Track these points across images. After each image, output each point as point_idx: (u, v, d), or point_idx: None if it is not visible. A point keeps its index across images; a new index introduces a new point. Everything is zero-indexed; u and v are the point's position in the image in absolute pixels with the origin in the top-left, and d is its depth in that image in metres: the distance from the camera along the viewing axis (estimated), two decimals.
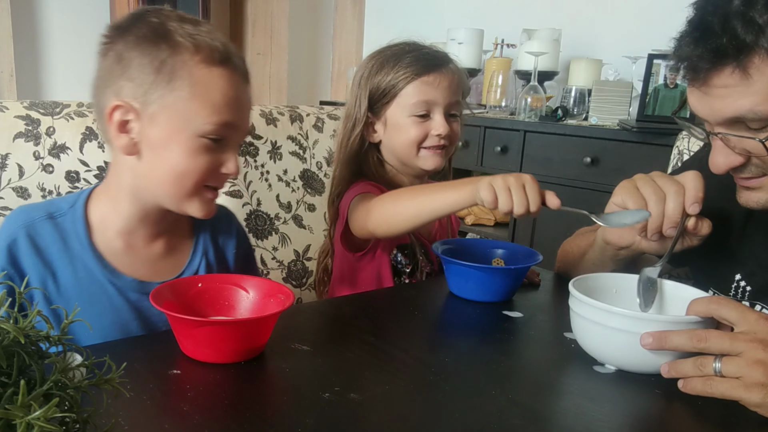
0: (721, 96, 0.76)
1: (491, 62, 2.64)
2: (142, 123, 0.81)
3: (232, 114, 0.82)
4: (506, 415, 0.65)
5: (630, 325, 0.73)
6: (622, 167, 2.07)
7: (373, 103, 1.17)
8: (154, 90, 0.79)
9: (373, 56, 1.19)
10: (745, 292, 0.93)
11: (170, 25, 0.80)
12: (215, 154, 0.83)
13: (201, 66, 0.80)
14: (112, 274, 0.87)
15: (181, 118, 0.80)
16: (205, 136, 0.81)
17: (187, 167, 0.82)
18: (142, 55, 0.80)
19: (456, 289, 1.02)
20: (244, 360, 0.73)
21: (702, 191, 0.87)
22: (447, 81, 1.15)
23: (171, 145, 0.81)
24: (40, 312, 0.41)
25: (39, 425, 0.34)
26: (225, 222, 1.00)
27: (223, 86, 0.81)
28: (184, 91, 0.79)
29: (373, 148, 1.20)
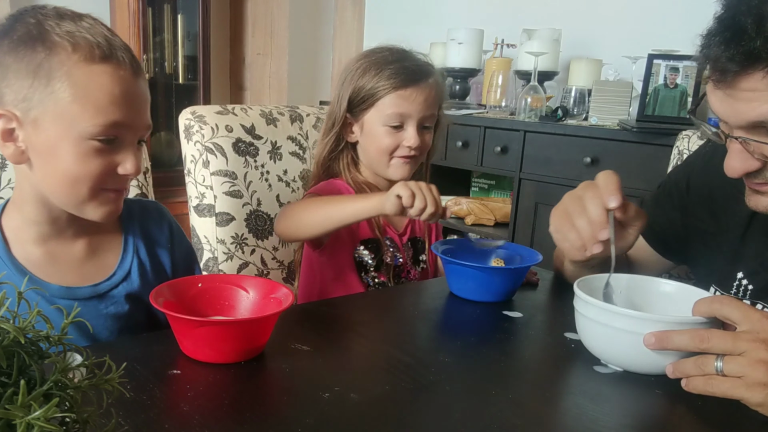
0: (747, 99, 0.73)
1: (491, 62, 2.64)
2: (26, 130, 0.77)
3: (120, 112, 0.77)
4: (506, 415, 0.65)
5: (635, 326, 0.73)
6: (622, 167, 2.07)
7: (352, 106, 1.22)
8: (33, 95, 0.76)
9: (360, 58, 1.24)
10: (747, 291, 0.93)
11: (47, 25, 0.76)
12: (109, 156, 0.79)
13: (80, 65, 0.75)
14: (35, 283, 0.83)
15: (64, 121, 0.76)
16: (93, 138, 0.77)
17: (78, 172, 0.78)
18: (17, 59, 0.76)
19: (456, 289, 1.02)
20: (244, 360, 0.73)
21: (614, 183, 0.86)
22: (423, 96, 1.20)
23: (58, 150, 0.77)
24: (40, 312, 0.41)
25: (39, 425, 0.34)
26: (155, 216, 0.97)
27: (106, 84, 0.76)
28: (65, 93, 0.75)
29: (348, 147, 1.27)
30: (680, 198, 1.05)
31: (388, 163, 1.22)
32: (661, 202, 1.08)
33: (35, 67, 0.75)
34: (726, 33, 0.72)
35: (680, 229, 1.05)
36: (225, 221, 1.32)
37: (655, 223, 1.08)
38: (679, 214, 1.05)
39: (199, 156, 1.30)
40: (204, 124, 1.31)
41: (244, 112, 1.39)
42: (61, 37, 0.76)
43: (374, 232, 1.25)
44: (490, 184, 2.76)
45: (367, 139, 1.23)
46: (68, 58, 0.75)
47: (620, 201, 0.86)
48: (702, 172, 1.02)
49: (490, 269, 1.01)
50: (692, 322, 0.72)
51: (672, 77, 2.06)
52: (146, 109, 0.83)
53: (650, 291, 0.86)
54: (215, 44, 3.53)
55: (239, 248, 1.33)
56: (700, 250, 1.02)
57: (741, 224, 0.94)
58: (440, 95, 1.25)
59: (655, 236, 1.08)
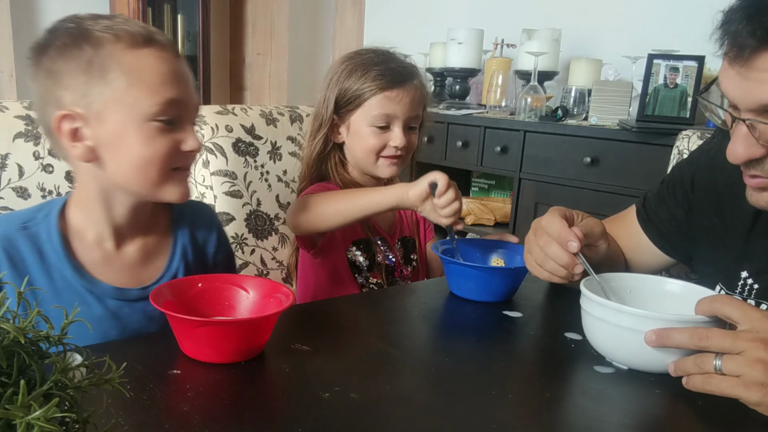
0: (761, 80, 0.72)
1: (491, 62, 2.64)
2: (92, 126, 0.81)
3: (174, 89, 0.82)
4: (506, 415, 0.65)
5: (640, 324, 0.73)
6: (622, 167, 2.07)
7: (339, 107, 1.24)
8: (91, 90, 0.79)
9: (345, 60, 1.25)
10: (752, 290, 0.92)
11: (86, 25, 0.81)
12: (171, 135, 0.83)
13: (127, 52, 0.79)
14: (90, 282, 0.86)
15: (125, 108, 0.79)
16: (154, 119, 0.80)
17: (147, 155, 0.81)
18: (68, 61, 0.80)
19: (456, 289, 1.02)
20: (244, 360, 0.73)
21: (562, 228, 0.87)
22: (409, 97, 1.22)
23: (125, 138, 0.80)
24: (40, 312, 0.41)
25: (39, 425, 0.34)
26: (206, 221, 1.00)
27: (155, 65, 0.81)
28: (120, 80, 0.79)
29: (336, 148, 1.28)
30: (684, 195, 1.05)
31: (375, 163, 1.24)
32: (665, 199, 1.08)
33: (86, 64, 0.79)
34: (750, 8, 0.72)
35: (684, 227, 1.05)
36: (225, 221, 1.32)
37: (659, 221, 1.08)
38: (683, 212, 1.05)
39: (199, 156, 1.30)
40: (204, 124, 1.31)
41: (244, 112, 1.39)
42: (102, 32, 0.80)
43: (365, 232, 1.27)
44: (490, 184, 2.76)
45: (353, 140, 1.25)
46: (114, 48, 0.79)
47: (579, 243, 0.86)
48: (707, 169, 1.02)
49: (490, 269, 1.01)
50: (695, 320, 0.72)
51: (672, 77, 2.06)
52: (193, 88, 0.86)
53: (656, 290, 0.86)
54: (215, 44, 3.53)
55: (239, 248, 1.33)
56: (705, 248, 1.01)
57: (746, 222, 0.93)
58: (425, 96, 1.27)
59: (658, 233, 1.08)
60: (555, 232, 0.88)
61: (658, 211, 1.08)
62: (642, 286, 0.86)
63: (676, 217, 1.06)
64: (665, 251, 1.08)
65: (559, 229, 0.88)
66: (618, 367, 0.77)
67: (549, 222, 0.89)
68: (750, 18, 0.71)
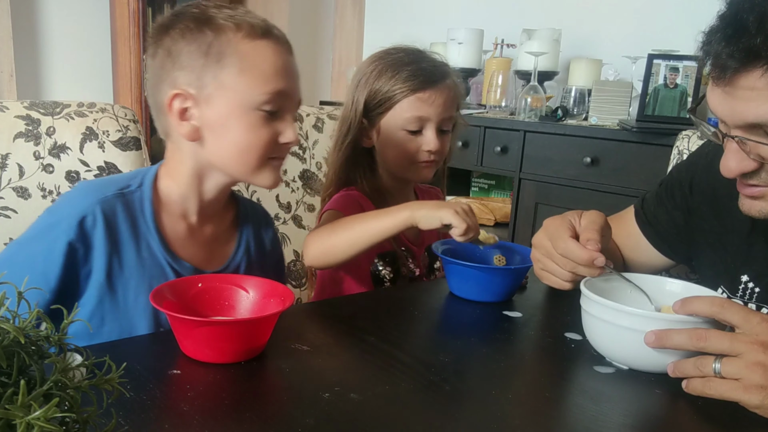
0: (746, 99, 0.72)
1: (491, 62, 2.64)
2: (201, 107, 0.85)
3: (283, 82, 0.85)
4: (506, 415, 0.65)
5: (640, 324, 0.73)
6: (622, 167, 2.07)
7: (368, 110, 1.18)
8: (206, 73, 0.83)
9: (374, 60, 1.19)
10: (753, 294, 0.92)
11: (210, 12, 0.85)
12: (272, 125, 0.86)
13: (245, 41, 0.83)
14: (173, 258, 0.90)
15: (235, 94, 0.83)
16: (260, 108, 0.84)
17: (249, 142, 0.85)
18: (189, 43, 0.84)
19: (456, 289, 1.02)
20: (244, 360, 0.73)
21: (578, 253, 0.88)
22: (442, 98, 1.16)
23: (230, 122, 0.84)
24: (40, 312, 0.41)
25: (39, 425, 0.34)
26: (264, 220, 1.05)
27: (270, 56, 0.85)
28: (234, 67, 0.83)
29: (365, 152, 1.22)
30: (683, 198, 1.05)
31: (408, 167, 1.18)
32: (664, 201, 1.08)
33: (206, 48, 0.83)
34: (727, 30, 0.72)
35: (683, 229, 1.05)
36: None
37: (658, 222, 1.08)
38: (681, 214, 1.05)
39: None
40: None
41: None
42: (225, 20, 0.84)
43: (391, 244, 1.20)
44: (490, 184, 2.76)
45: (384, 144, 1.19)
46: (234, 36, 0.83)
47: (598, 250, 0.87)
48: (705, 172, 1.02)
49: (490, 269, 1.01)
50: (696, 321, 0.72)
51: (672, 77, 2.06)
52: (299, 84, 0.90)
53: (656, 290, 0.86)
54: None
55: None
56: (705, 250, 1.01)
57: (745, 226, 0.93)
58: (458, 96, 1.21)
59: (657, 235, 1.08)
60: (577, 257, 0.88)
61: (656, 213, 1.08)
62: (642, 286, 0.86)
63: (674, 220, 1.06)
64: (664, 253, 1.08)
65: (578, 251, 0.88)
66: (618, 367, 0.77)
67: (565, 248, 0.89)
68: (728, 39, 0.71)
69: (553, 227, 0.93)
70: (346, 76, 3.44)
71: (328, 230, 1.06)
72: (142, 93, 3.02)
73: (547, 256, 0.93)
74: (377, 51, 1.22)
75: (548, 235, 0.93)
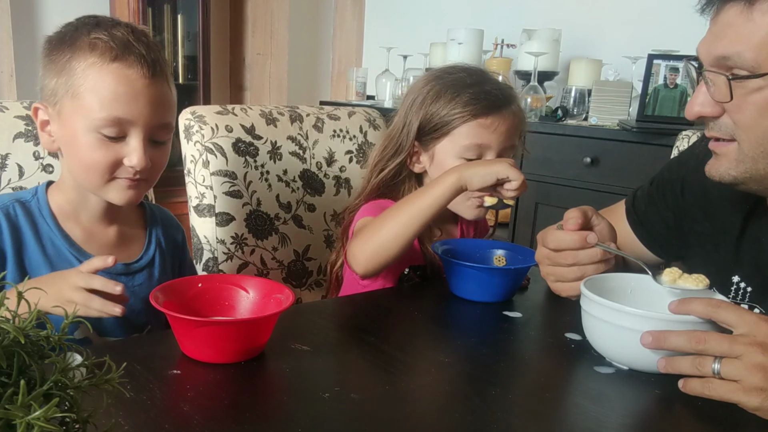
0: (721, 35, 0.74)
1: (491, 62, 2.64)
2: (55, 122, 0.90)
3: (122, 109, 0.86)
4: (506, 415, 0.65)
5: (640, 324, 0.73)
6: (622, 167, 2.07)
7: (422, 134, 1.10)
8: (59, 90, 0.87)
9: (430, 80, 1.11)
10: (745, 294, 0.92)
11: (81, 31, 0.88)
12: (115, 148, 0.87)
13: (94, 65, 0.85)
14: (78, 251, 0.93)
15: (79, 115, 0.86)
16: (97, 131, 0.86)
17: (89, 160, 0.88)
18: (51, 60, 0.88)
19: (456, 289, 1.01)
20: (244, 360, 0.73)
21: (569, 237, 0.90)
22: (506, 126, 1.08)
23: (76, 140, 0.88)
24: (40, 312, 0.41)
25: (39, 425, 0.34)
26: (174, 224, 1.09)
27: (111, 82, 0.85)
28: (80, 89, 0.86)
29: (412, 175, 1.15)
30: (674, 199, 1.04)
31: (463, 201, 1.08)
32: (655, 201, 1.07)
33: (60, 68, 0.87)
34: None
35: (674, 229, 1.05)
36: (225, 221, 1.32)
37: (648, 222, 1.08)
38: (673, 215, 1.05)
39: (199, 156, 1.30)
40: (204, 124, 1.31)
41: (244, 112, 1.39)
42: (85, 41, 0.86)
43: (425, 257, 1.11)
44: None
45: (437, 172, 1.06)
46: (85, 59, 0.85)
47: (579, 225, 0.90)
48: (696, 172, 1.01)
49: (490, 269, 1.01)
50: (695, 321, 0.72)
51: (672, 77, 2.06)
52: (158, 108, 0.89)
53: (656, 290, 0.85)
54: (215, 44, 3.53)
55: (239, 248, 1.33)
56: (697, 251, 1.01)
57: (736, 226, 0.93)
58: (522, 123, 1.13)
59: (647, 234, 1.08)
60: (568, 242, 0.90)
61: (647, 213, 1.08)
62: (642, 286, 0.86)
63: (665, 221, 1.06)
64: (654, 251, 1.08)
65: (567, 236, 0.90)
66: (618, 367, 0.77)
67: (554, 239, 0.91)
68: None
69: (542, 234, 0.95)
70: (346, 76, 3.44)
71: (372, 229, 0.99)
72: None
73: (550, 261, 0.93)
74: (434, 69, 1.14)
75: (541, 240, 0.94)
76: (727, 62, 0.75)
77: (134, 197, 0.92)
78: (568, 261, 0.91)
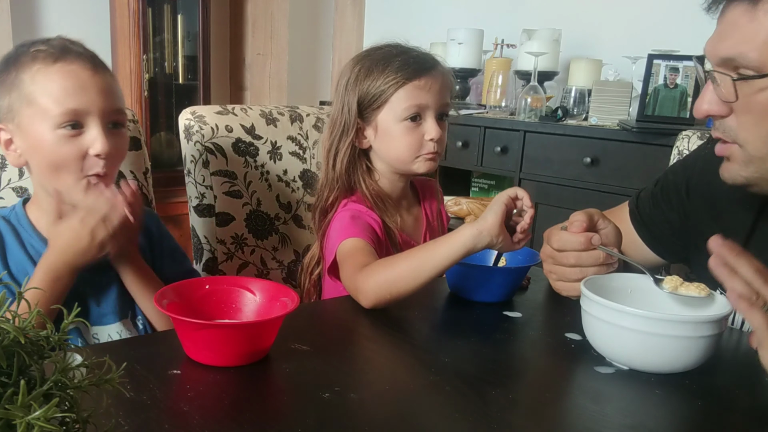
0: (726, 34, 0.74)
1: (491, 62, 2.64)
2: (18, 137, 0.94)
3: (75, 100, 0.91)
4: (507, 415, 0.65)
5: (640, 324, 0.73)
6: (622, 167, 2.07)
7: (362, 109, 1.15)
8: (14, 105, 0.92)
9: (359, 60, 1.17)
10: None
11: (21, 50, 0.94)
12: (79, 141, 0.92)
13: (40, 71, 0.91)
14: None
15: (38, 120, 0.91)
16: (59, 127, 0.90)
17: (57, 159, 0.91)
18: (2, 82, 0.94)
19: (456, 289, 1.02)
20: (247, 363, 0.72)
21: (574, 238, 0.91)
22: (438, 84, 1.14)
23: (40, 146, 0.92)
24: (40, 312, 0.41)
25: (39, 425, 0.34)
26: (147, 215, 1.08)
27: (59, 80, 0.91)
28: (33, 96, 0.91)
29: (361, 154, 1.19)
30: (680, 201, 1.04)
31: (412, 161, 1.16)
32: (660, 203, 1.07)
33: (10, 84, 0.92)
34: None
35: (679, 231, 1.05)
36: (225, 221, 1.32)
37: (653, 224, 1.07)
38: (678, 217, 1.04)
39: (199, 156, 1.30)
40: (204, 124, 1.31)
41: (244, 112, 1.39)
42: (27, 55, 0.93)
43: (394, 250, 1.14)
44: (490, 184, 2.76)
45: (383, 142, 1.16)
46: (30, 68, 0.91)
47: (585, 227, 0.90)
48: (702, 174, 1.01)
49: (490, 269, 1.01)
50: (696, 321, 0.72)
51: (672, 77, 2.06)
52: (107, 96, 0.94)
53: (656, 290, 0.85)
54: (215, 44, 3.52)
55: (239, 248, 1.33)
56: (703, 251, 1.01)
57: (745, 227, 0.93)
58: (451, 82, 1.20)
59: (651, 236, 1.08)
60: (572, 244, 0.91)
61: (652, 214, 1.08)
62: (642, 286, 0.86)
63: (670, 222, 1.05)
64: (658, 253, 1.08)
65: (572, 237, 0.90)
66: (618, 367, 0.77)
67: (559, 240, 0.92)
68: None
69: (547, 232, 0.94)
70: None
71: (385, 264, 0.96)
72: (142, 93, 3.02)
73: (553, 261, 0.94)
74: (356, 54, 1.19)
75: (546, 239, 0.94)
76: (733, 62, 0.75)
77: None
78: (570, 261, 0.91)
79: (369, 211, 1.15)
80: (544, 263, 0.97)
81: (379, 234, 1.12)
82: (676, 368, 0.75)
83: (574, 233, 0.90)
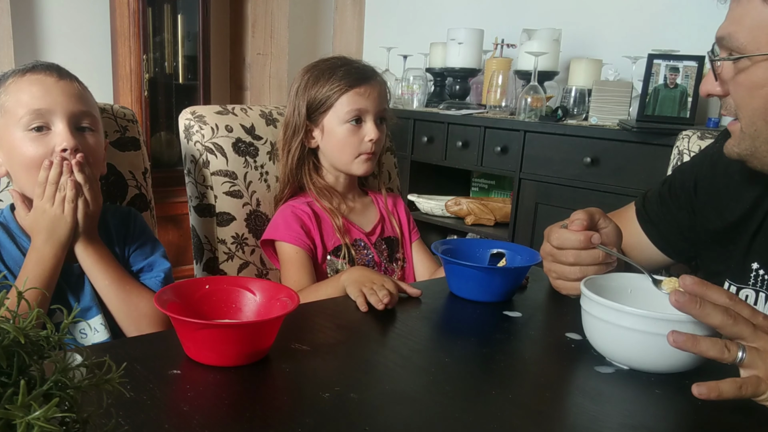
0: (730, 19, 0.78)
1: (491, 62, 2.64)
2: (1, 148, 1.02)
3: (39, 102, 0.99)
4: (507, 415, 0.65)
5: (640, 324, 0.73)
6: (622, 167, 2.07)
7: (311, 112, 1.30)
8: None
9: (308, 70, 1.33)
10: (764, 282, 0.92)
11: (11, 70, 1.03)
12: (45, 140, 0.99)
13: (12, 83, 1.01)
14: None
15: (10, 126, 0.99)
16: (27, 129, 0.98)
17: (27, 159, 0.98)
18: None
19: (456, 289, 1.02)
20: (247, 364, 0.73)
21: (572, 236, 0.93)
22: (376, 92, 1.30)
23: (13, 149, 1.00)
24: (40, 312, 0.41)
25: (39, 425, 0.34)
26: (126, 214, 1.15)
27: (26, 87, 1.00)
28: (5, 105, 1.00)
29: (310, 153, 1.33)
30: (687, 199, 1.05)
31: (352, 161, 1.30)
32: (667, 201, 1.08)
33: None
34: None
35: (687, 229, 1.05)
36: (225, 221, 1.32)
37: (660, 222, 1.08)
38: (687, 214, 1.05)
39: (199, 156, 1.30)
40: (204, 124, 1.31)
41: (244, 112, 1.39)
42: (4, 76, 1.03)
43: (340, 237, 1.29)
44: (490, 184, 2.76)
45: (328, 141, 1.30)
46: (4, 83, 1.01)
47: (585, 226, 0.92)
48: (709, 173, 1.02)
49: (490, 269, 1.01)
50: (695, 321, 0.72)
51: (672, 77, 2.06)
52: (72, 98, 1.01)
53: (656, 290, 0.85)
54: (215, 44, 3.52)
55: (239, 248, 1.33)
56: (712, 247, 1.01)
57: (751, 218, 0.94)
58: (387, 92, 1.35)
59: (659, 235, 1.08)
60: (572, 242, 0.92)
61: (659, 213, 1.08)
62: (642, 286, 0.86)
63: (678, 220, 1.06)
64: (665, 252, 1.08)
65: (572, 235, 0.92)
66: (618, 367, 0.77)
67: (559, 238, 0.93)
68: None
69: (548, 229, 0.95)
70: None
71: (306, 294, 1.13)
72: (142, 93, 3.02)
73: (552, 258, 0.94)
74: (307, 65, 1.34)
75: (546, 237, 0.95)
76: (725, 43, 0.78)
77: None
78: (569, 260, 0.92)
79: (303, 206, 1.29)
80: (544, 261, 0.97)
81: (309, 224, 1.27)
82: (676, 368, 0.75)
83: (574, 231, 0.91)
